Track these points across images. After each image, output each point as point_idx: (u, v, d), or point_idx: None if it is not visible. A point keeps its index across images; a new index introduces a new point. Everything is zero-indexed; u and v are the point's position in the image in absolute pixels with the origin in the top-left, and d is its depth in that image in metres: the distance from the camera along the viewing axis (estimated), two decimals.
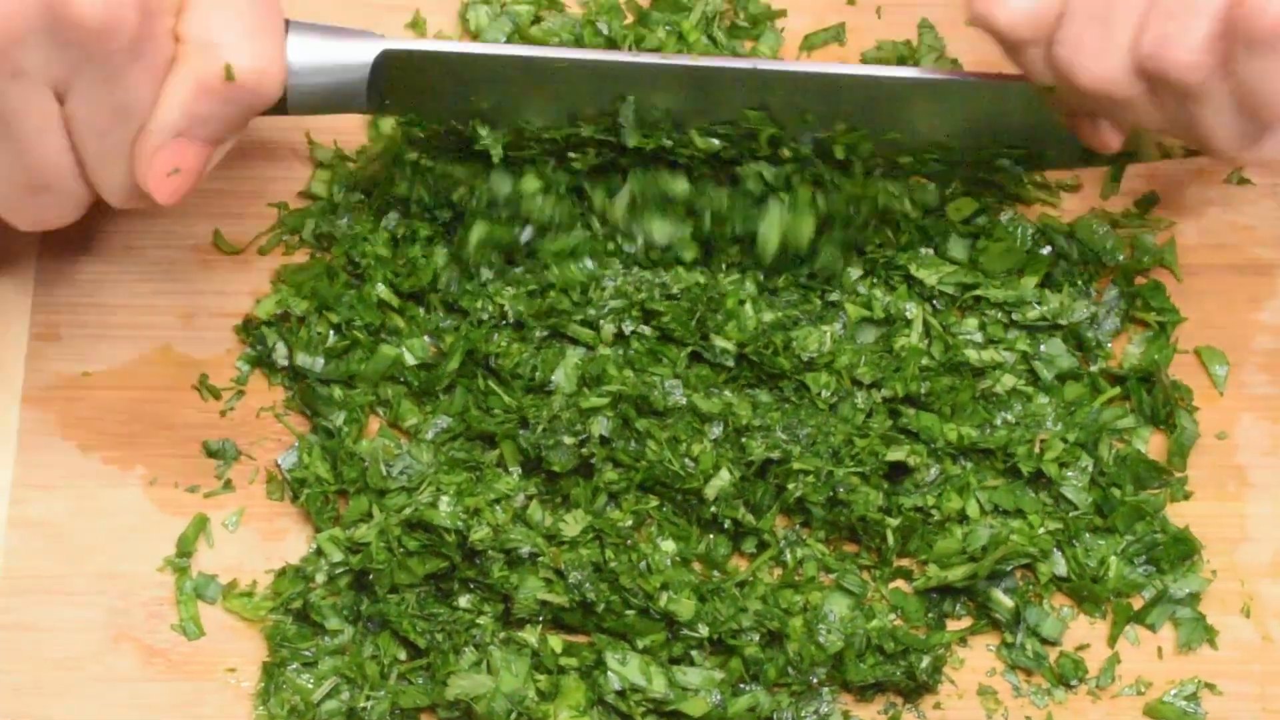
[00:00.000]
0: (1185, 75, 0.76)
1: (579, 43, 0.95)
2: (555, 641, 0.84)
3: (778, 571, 0.87)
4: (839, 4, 0.98)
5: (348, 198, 0.91)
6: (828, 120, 0.85)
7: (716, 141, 0.86)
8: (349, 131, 0.93)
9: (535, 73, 0.82)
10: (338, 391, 0.88)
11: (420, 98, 0.84)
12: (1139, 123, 0.81)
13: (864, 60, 0.96)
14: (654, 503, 0.86)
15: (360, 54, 0.81)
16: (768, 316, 0.88)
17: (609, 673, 0.83)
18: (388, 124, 0.92)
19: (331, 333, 0.89)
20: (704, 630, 0.84)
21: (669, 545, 0.85)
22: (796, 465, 0.86)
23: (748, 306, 0.88)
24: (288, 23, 0.80)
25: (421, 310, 0.89)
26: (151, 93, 0.77)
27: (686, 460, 0.86)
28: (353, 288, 0.89)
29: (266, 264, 0.91)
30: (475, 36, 0.96)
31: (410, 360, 0.88)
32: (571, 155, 0.86)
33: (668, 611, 0.84)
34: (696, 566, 0.86)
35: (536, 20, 0.96)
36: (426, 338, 0.89)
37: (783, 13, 0.97)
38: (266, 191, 0.92)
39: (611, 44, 0.95)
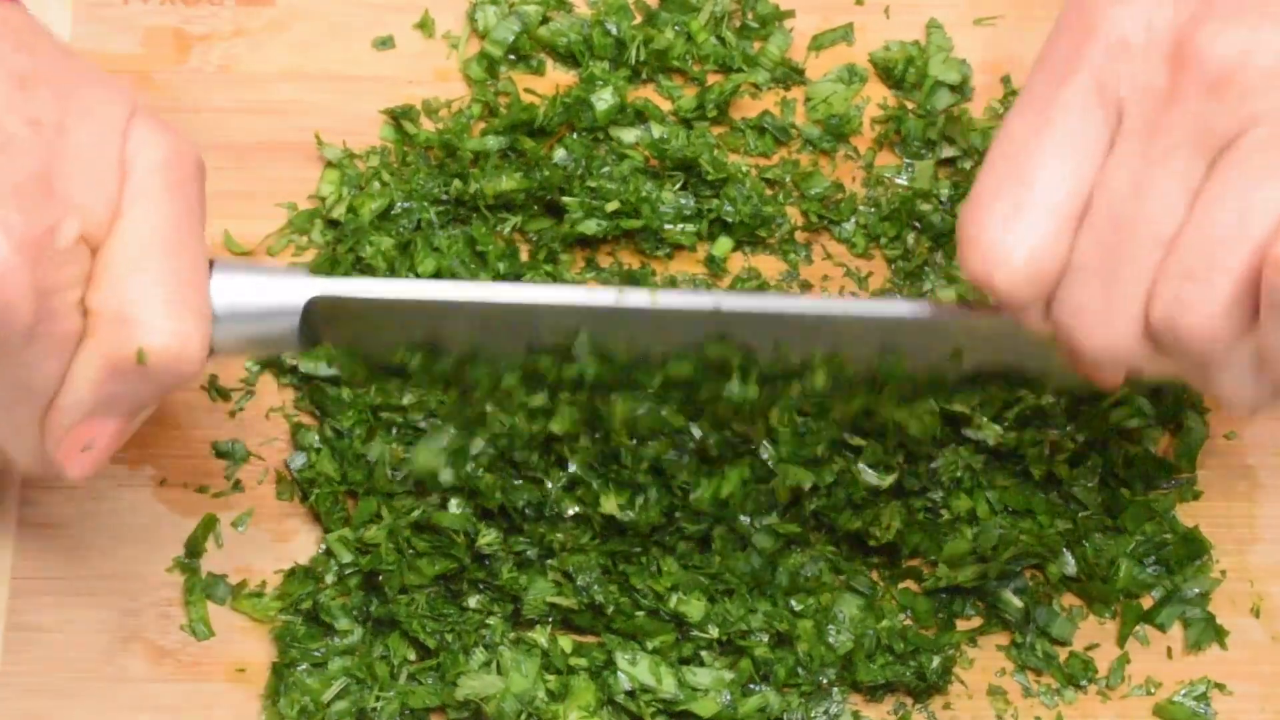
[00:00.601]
0: (1203, 344, 0.68)
1: (587, 43, 0.95)
2: (565, 642, 0.84)
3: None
4: (847, 4, 0.98)
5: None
6: (805, 347, 0.79)
7: (688, 366, 0.79)
8: (359, 132, 0.94)
9: (476, 313, 0.77)
10: (345, 393, 0.88)
11: (356, 335, 0.78)
12: (1145, 373, 0.73)
13: (872, 60, 0.96)
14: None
15: (290, 298, 0.75)
16: None
17: (619, 673, 0.83)
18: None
19: None
20: (714, 631, 0.84)
21: (679, 546, 0.85)
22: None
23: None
24: (212, 263, 0.73)
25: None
26: (57, 371, 0.70)
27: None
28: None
29: (276, 264, 0.91)
30: (483, 37, 0.96)
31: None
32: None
33: (678, 613, 0.84)
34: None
35: (545, 21, 0.96)
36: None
37: (791, 13, 0.97)
38: (276, 192, 0.92)
39: (620, 45, 0.95)
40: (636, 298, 0.76)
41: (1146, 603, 0.87)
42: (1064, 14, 0.71)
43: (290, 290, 0.75)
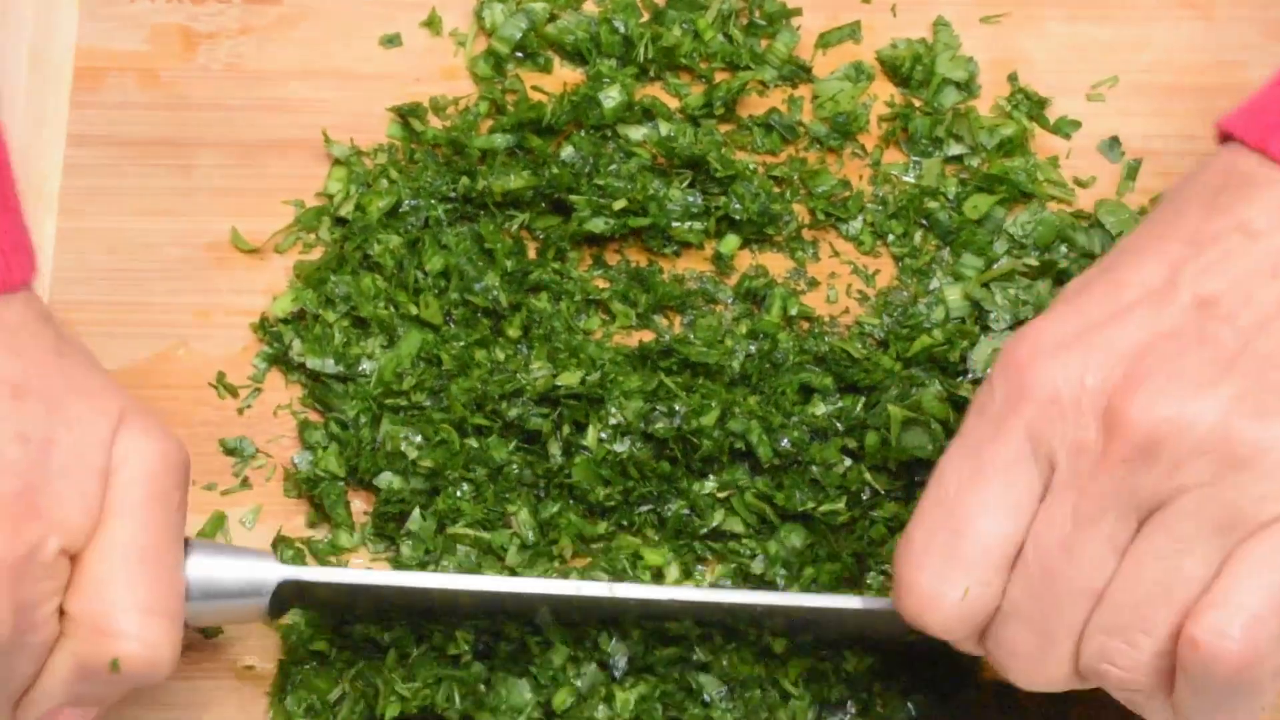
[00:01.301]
0: (1128, 692, 0.72)
1: (595, 41, 0.95)
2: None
3: None
4: (854, 2, 0.98)
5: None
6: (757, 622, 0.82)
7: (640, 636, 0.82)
8: (367, 130, 0.94)
9: (443, 599, 0.80)
10: (351, 386, 0.88)
11: (324, 607, 0.82)
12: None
13: (879, 58, 0.96)
14: None
15: (261, 580, 0.78)
16: None
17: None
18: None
19: (337, 333, 0.89)
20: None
21: None
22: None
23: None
24: (188, 542, 0.76)
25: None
26: (33, 668, 0.72)
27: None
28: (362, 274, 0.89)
29: (284, 262, 0.91)
30: (490, 34, 0.96)
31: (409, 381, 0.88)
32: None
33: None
34: None
35: (552, 18, 0.96)
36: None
37: (798, 11, 0.97)
38: (283, 189, 0.93)
39: (628, 42, 0.95)
40: (597, 589, 0.79)
41: None
42: (997, 366, 0.72)
43: (262, 572, 0.78)
